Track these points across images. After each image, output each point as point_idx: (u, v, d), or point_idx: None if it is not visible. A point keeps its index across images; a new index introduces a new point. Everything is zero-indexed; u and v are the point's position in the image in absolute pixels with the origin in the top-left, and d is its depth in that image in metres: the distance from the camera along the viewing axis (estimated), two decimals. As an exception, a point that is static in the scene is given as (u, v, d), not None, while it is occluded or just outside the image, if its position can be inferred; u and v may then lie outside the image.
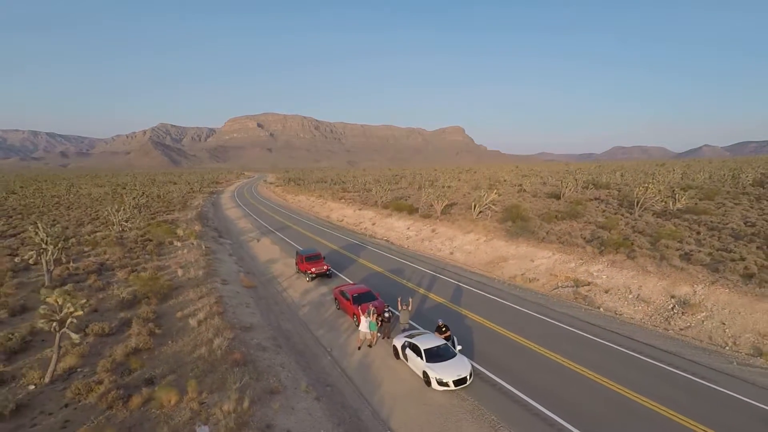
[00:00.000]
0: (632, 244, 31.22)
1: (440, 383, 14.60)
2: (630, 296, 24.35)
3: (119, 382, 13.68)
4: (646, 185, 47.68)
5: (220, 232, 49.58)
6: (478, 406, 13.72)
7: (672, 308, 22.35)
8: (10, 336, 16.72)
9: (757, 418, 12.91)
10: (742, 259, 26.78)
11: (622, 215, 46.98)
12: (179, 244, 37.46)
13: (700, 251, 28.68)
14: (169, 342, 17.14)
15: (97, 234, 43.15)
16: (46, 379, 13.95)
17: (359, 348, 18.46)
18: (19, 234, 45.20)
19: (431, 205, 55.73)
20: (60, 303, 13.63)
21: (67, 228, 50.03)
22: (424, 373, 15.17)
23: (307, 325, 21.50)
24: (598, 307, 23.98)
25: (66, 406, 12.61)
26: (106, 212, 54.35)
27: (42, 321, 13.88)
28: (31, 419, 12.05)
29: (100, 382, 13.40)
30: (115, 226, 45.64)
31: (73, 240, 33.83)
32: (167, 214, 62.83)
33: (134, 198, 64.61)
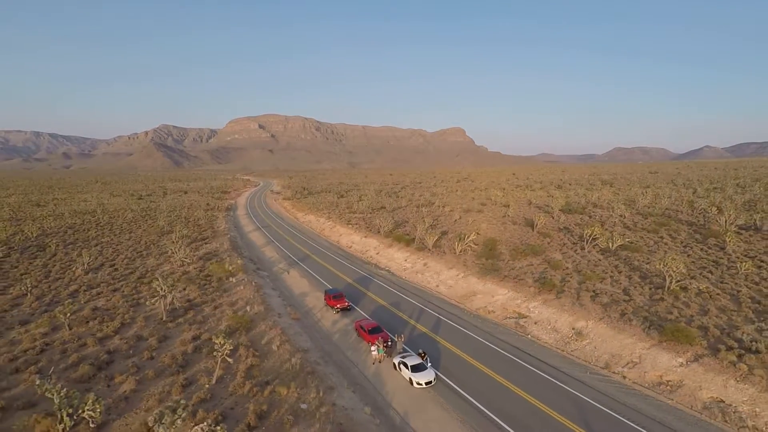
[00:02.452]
0: (563, 286, 43.81)
1: (417, 384, 27.24)
2: (549, 327, 37.00)
3: (252, 382, 26.25)
4: (593, 227, 60.26)
5: (256, 264, 62.35)
6: (437, 396, 26.38)
7: (571, 336, 34.98)
8: (177, 355, 29.37)
9: (577, 404, 25.49)
10: (631, 299, 39.38)
11: (576, 251, 59.70)
12: (233, 280, 50.13)
13: (605, 293, 41.30)
14: (265, 360, 29.77)
15: (164, 269, 55.82)
16: (213, 381, 26.54)
17: (373, 363, 31.08)
18: (101, 266, 57.79)
19: (424, 238, 68.06)
20: (223, 342, 26.22)
21: (134, 260, 62.67)
22: (410, 378, 27.78)
23: (339, 347, 34.19)
24: (528, 335, 36.62)
25: (231, 395, 25.20)
26: (167, 248, 67.06)
27: (215, 352, 26.55)
28: (219, 401, 24.62)
29: (243, 383, 25.99)
30: (175, 260, 58.24)
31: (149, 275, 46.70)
32: (205, 243, 75.49)
33: (179, 230, 77.05)
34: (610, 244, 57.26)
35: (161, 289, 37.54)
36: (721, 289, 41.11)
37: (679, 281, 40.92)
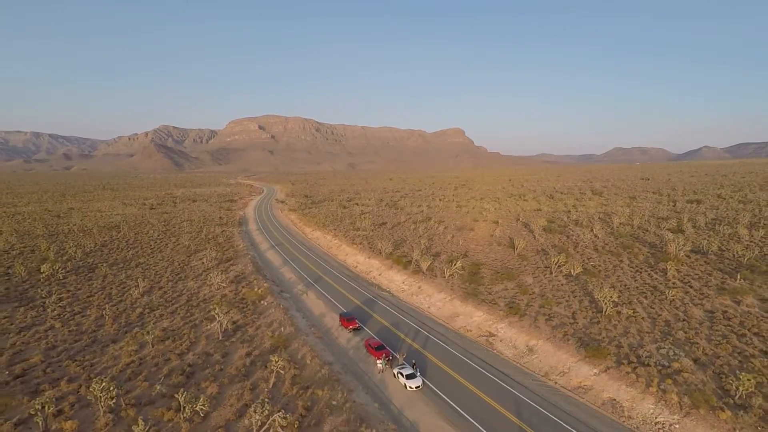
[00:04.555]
0: (526, 309, 55.86)
1: (410, 388, 39.37)
2: (510, 344, 49.10)
3: (297, 387, 38.26)
4: (559, 257, 72.33)
5: (278, 286, 74.48)
6: (423, 396, 38.56)
7: (525, 352, 47.07)
8: (240, 367, 41.44)
9: (517, 401, 37.59)
10: (575, 322, 51.45)
11: (545, 275, 71.67)
12: (264, 303, 62.19)
13: (557, 315, 53.33)
14: (303, 371, 41.84)
15: (205, 292, 67.83)
16: (270, 386, 38.58)
17: (378, 373, 43.15)
18: (151, 288, 69.71)
19: (419, 261, 80.00)
20: (277, 360, 38.26)
21: (176, 282, 74.60)
22: (404, 384, 39.87)
23: (354, 360, 46.31)
24: (494, 350, 48.71)
25: (284, 395, 37.25)
26: (199, 269, 79.14)
27: (273, 366, 38.58)
28: (278, 399, 36.65)
29: (291, 388, 38.03)
30: (213, 284, 70.23)
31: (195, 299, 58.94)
32: (231, 265, 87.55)
33: (208, 253, 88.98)
34: (572, 271, 69.37)
35: (218, 315, 49.63)
36: (647, 313, 53.22)
37: (614, 307, 53.02)
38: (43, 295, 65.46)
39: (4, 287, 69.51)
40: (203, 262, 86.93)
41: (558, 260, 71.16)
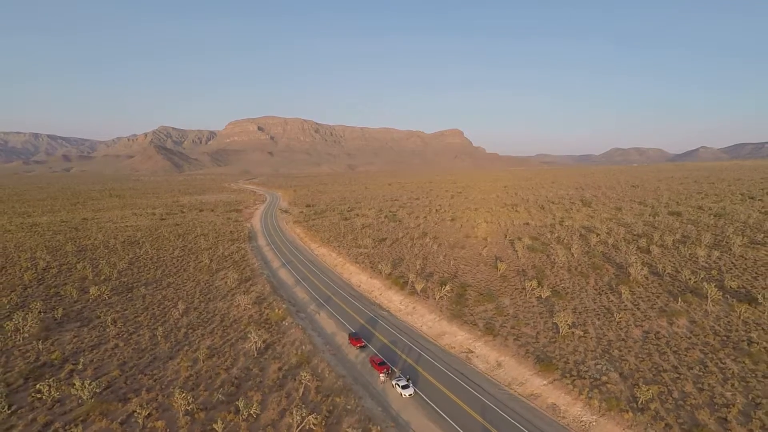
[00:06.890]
0: (500, 329, 68.90)
1: (404, 395, 52.44)
2: (484, 360, 62.16)
3: (320, 395, 51.17)
4: (531, 282, 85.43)
5: (294, 306, 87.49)
6: (415, 402, 51.71)
7: (495, 366, 60.13)
8: (275, 379, 54.39)
9: (482, 405, 50.71)
10: (537, 341, 64.55)
11: (521, 295, 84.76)
12: (286, 323, 75.12)
13: (524, 335, 66.38)
14: (323, 382, 54.77)
15: (234, 314, 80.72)
16: (300, 394, 51.48)
17: (380, 384, 56.14)
18: (187, 309, 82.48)
19: (414, 282, 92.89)
20: (305, 375, 51.16)
21: (207, 303, 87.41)
22: (400, 392, 52.93)
23: (361, 373, 59.34)
24: (471, 364, 61.75)
25: (311, 402, 50.16)
26: (224, 289, 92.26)
27: (302, 380, 51.48)
28: (307, 404, 49.58)
29: (316, 395, 50.95)
30: (240, 306, 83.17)
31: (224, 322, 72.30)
32: (250, 285, 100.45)
33: (231, 275, 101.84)
34: (542, 294, 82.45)
35: (253, 336, 62.59)
36: (596, 333, 66.31)
37: (570, 328, 66.09)
38: (99, 316, 78.24)
39: (62, 308, 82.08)
40: (226, 282, 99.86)
41: (531, 285, 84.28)
